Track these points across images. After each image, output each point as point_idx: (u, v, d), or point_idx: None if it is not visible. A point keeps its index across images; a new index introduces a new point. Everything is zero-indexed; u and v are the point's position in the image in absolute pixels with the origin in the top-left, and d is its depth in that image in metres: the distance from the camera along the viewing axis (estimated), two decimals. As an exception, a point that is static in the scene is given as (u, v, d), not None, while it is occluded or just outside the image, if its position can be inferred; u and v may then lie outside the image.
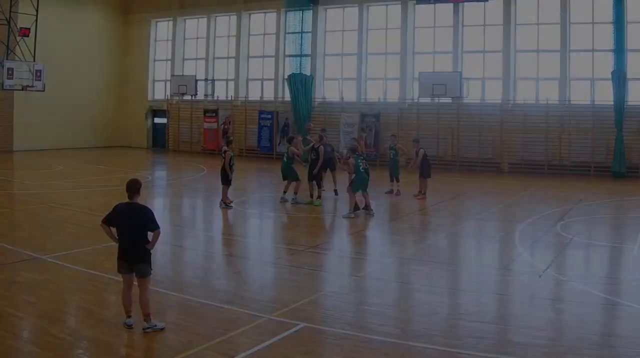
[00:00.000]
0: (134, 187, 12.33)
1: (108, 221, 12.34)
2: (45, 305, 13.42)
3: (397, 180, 31.32)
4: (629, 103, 42.85)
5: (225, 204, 26.63)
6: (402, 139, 41.60)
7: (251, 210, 27.24)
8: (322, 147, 28.53)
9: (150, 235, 12.29)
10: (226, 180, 26.64)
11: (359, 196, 25.31)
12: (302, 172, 29.20)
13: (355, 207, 25.05)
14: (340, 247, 21.01)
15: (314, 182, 28.33)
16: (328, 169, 30.04)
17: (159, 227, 12.23)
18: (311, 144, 29.57)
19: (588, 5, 44.75)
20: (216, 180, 28.22)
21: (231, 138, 31.19)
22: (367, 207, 25.38)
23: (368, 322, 12.54)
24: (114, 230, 12.37)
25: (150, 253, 12.32)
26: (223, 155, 27.04)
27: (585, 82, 45.15)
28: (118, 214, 12.30)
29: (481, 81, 48.17)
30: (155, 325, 11.93)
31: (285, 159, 28.86)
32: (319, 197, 28.18)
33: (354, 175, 25.42)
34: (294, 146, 28.85)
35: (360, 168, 25.23)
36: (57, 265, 16.73)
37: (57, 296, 14.15)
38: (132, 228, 12.17)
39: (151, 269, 12.34)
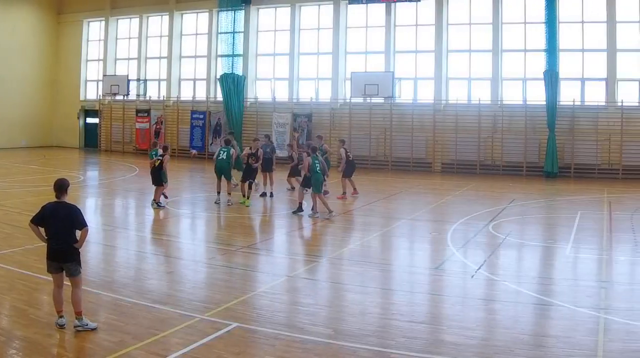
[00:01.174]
0: (61, 187, 11.70)
1: (36, 221, 11.70)
2: (-24, 305, 13.02)
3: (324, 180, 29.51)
4: (561, 103, 40.78)
5: (157, 204, 25.49)
6: (334, 139, 41.23)
7: (183, 210, 25.78)
8: (260, 149, 27.46)
9: (79, 233, 11.68)
10: (159, 181, 25.62)
11: (301, 195, 24.66)
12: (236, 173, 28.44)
13: (300, 207, 24.29)
14: (273, 247, 20.05)
15: (248, 183, 26.52)
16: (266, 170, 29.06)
17: (86, 225, 11.64)
18: (251, 147, 27.55)
19: (520, 6, 42.35)
20: (148, 180, 27.38)
21: (167, 145, 29.12)
22: (302, 208, 24.32)
23: (300, 322, 12.00)
24: (42, 230, 11.74)
25: (79, 253, 11.71)
26: (160, 158, 25.73)
27: (517, 82, 42.79)
28: (46, 214, 11.66)
29: (413, 81, 45.44)
30: (87, 325, 11.37)
31: (224, 157, 27.09)
32: (248, 197, 26.45)
33: (308, 174, 24.26)
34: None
35: (318, 168, 24.07)
36: (-11, 265, 16.13)
37: (-12, 296, 13.70)
38: (59, 228, 11.54)
39: (80, 268, 11.74)
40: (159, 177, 25.55)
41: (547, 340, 11.07)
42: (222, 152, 27.31)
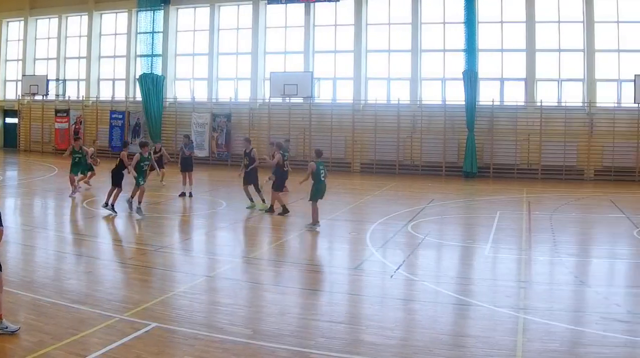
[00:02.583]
0: None
1: None
2: None
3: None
4: (480, 103, 37.40)
5: (107, 203, 22.71)
6: (255, 140, 36.27)
7: (103, 210, 22.63)
8: (254, 150, 24.67)
9: None
10: (119, 182, 23.07)
11: (279, 197, 22.58)
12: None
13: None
14: (192, 247, 18.40)
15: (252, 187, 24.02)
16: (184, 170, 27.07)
17: (1, 225, 10.34)
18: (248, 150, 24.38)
19: (439, 6, 38.58)
20: (66, 180, 27.06)
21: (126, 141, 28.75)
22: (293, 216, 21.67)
23: (219, 322, 11.06)
24: None
25: None
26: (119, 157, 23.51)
27: (436, 82, 39.02)
28: None
29: (332, 81, 41.21)
30: (7, 328, 10.17)
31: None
32: (263, 200, 23.92)
33: (308, 180, 20.65)
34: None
35: (322, 176, 20.40)
36: None
37: None
38: None
39: (0, 269, 10.43)
40: (118, 176, 23.07)
41: (466, 340, 10.34)
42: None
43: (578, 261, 16.38)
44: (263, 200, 23.64)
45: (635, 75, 34.46)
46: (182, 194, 26.55)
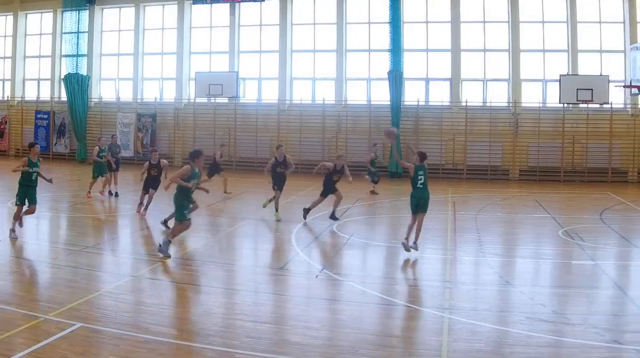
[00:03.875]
0: None
1: None
2: None
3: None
4: (405, 103, 33.40)
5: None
6: (179, 140, 35.90)
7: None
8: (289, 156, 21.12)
9: None
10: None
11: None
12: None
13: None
14: (118, 247, 16.79)
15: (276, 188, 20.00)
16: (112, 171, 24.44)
17: None
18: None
19: (364, 6, 34.36)
20: None
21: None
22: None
23: (144, 322, 9.93)
24: None
25: None
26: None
27: (361, 82, 34.78)
28: None
29: (258, 81, 36.63)
30: None
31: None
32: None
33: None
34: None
35: (419, 183, 15.44)
36: None
37: None
38: None
39: None
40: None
41: (391, 340, 9.43)
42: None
43: (503, 261, 15.04)
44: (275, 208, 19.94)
45: (560, 75, 31.13)
46: (109, 194, 24.22)
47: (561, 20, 32.31)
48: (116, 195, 23.98)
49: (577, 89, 30.67)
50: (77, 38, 39.27)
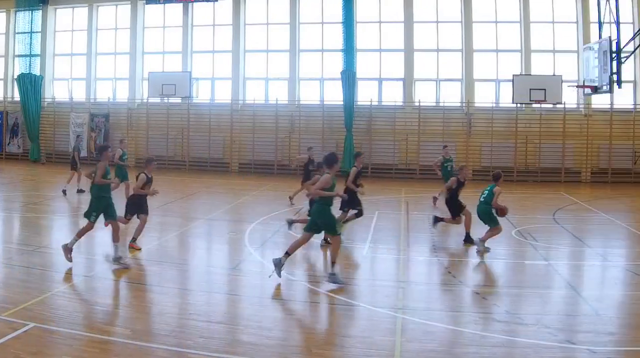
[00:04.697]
0: None
1: None
2: None
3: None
4: (358, 103, 30.67)
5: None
6: (132, 141, 32.56)
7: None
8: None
9: None
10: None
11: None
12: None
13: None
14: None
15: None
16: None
17: None
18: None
19: (317, 6, 31.64)
20: None
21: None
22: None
23: (98, 322, 9.49)
24: None
25: None
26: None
27: (314, 82, 32.05)
28: None
29: (211, 81, 33.75)
30: None
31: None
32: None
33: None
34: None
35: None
36: None
37: None
38: None
39: None
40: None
41: (345, 340, 8.82)
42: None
43: (456, 261, 14.01)
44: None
45: (513, 75, 28.68)
46: (81, 191, 22.41)
47: (514, 20, 29.96)
48: (81, 191, 22.14)
49: (530, 89, 28.40)
50: (30, 38, 36.04)
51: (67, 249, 12.42)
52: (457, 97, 30.57)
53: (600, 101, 29.05)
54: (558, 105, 28.91)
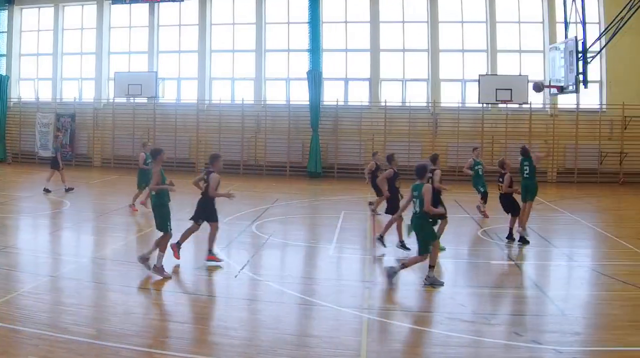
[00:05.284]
0: None
1: None
2: None
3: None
4: (325, 103, 28.87)
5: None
6: (99, 141, 31.84)
7: None
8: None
9: None
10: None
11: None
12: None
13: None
14: (35, 247, 14.09)
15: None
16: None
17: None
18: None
19: (283, 5, 29.85)
20: None
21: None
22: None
23: (63, 322, 8.84)
24: None
25: None
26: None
27: (280, 82, 30.26)
28: None
29: (177, 81, 31.78)
30: None
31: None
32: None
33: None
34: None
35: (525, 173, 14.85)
36: None
37: None
38: None
39: None
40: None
41: (311, 340, 8.45)
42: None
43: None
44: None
45: (479, 75, 27.07)
46: (46, 191, 21.59)
47: (480, 20, 28.37)
48: (46, 190, 21.33)
49: (496, 89, 26.85)
50: (-4, 38, 34.54)
51: (158, 269, 11.32)
52: (423, 97, 28.95)
53: (566, 101, 27.56)
54: (524, 105, 27.46)
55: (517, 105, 27.55)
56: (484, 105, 27.64)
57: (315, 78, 28.74)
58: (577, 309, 9.96)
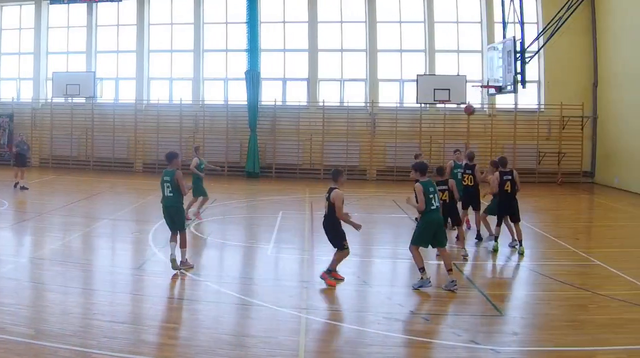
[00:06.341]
0: None
1: None
2: None
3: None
4: (263, 102, 26.03)
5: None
6: (36, 141, 28.28)
7: None
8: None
9: None
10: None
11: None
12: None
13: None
14: None
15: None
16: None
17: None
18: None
19: (222, 6, 27.08)
20: None
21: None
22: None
23: (1, 322, 8.01)
24: None
25: None
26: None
27: (219, 81, 27.40)
28: None
29: (115, 81, 28.67)
30: None
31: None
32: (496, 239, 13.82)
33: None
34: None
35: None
36: None
37: None
38: None
39: None
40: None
41: (249, 340, 7.84)
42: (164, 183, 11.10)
43: (360, 261, 11.95)
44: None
45: (417, 75, 24.54)
46: (22, 188, 20.86)
47: (418, 20, 25.87)
48: (18, 186, 20.57)
49: (435, 89, 24.43)
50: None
51: (185, 264, 10.74)
52: (361, 97, 26.26)
53: (504, 101, 25.29)
54: (462, 105, 25.24)
55: (455, 105, 25.11)
56: (422, 105, 25.12)
57: (253, 78, 25.95)
58: (515, 309, 9.31)
